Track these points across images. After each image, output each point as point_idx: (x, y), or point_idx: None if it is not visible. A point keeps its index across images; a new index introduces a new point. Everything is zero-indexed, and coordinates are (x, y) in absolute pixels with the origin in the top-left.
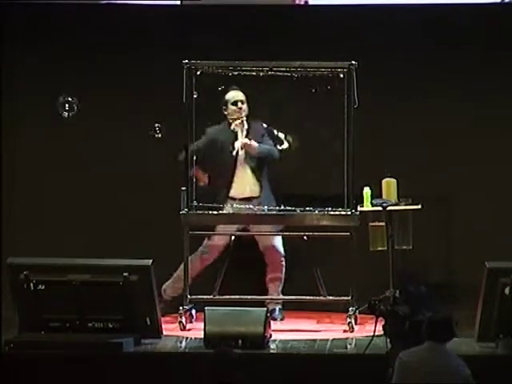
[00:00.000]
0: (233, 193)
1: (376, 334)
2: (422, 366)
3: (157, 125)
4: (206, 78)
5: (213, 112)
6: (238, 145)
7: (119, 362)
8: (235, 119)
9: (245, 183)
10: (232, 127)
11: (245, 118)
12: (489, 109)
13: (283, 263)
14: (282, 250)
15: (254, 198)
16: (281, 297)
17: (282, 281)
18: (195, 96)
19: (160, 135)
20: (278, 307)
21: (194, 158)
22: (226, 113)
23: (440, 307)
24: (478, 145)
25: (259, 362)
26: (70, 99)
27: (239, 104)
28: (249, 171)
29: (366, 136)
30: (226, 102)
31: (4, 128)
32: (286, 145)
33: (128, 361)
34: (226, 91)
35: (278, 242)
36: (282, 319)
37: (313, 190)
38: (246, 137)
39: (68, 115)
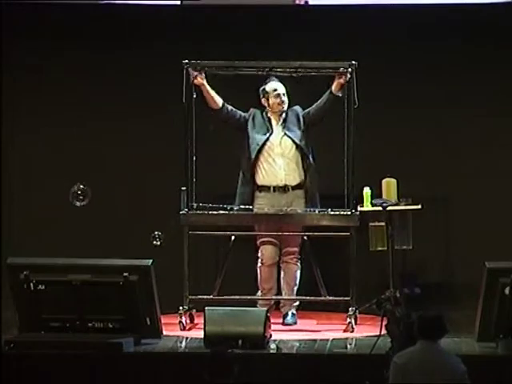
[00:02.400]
0: (261, 181)
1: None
2: (416, 367)
3: (157, 232)
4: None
5: (211, 112)
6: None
7: (119, 362)
8: (276, 111)
9: (276, 171)
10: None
11: (285, 109)
12: (489, 109)
13: (297, 270)
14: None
15: (288, 186)
16: (281, 297)
17: (297, 283)
18: (195, 96)
19: (159, 243)
20: (291, 311)
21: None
22: (265, 104)
23: (435, 308)
24: (478, 145)
25: (259, 362)
26: (82, 188)
27: (282, 97)
28: (281, 159)
29: (366, 136)
30: (265, 93)
31: (4, 128)
32: None
33: (128, 361)
34: (265, 82)
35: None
36: (294, 323)
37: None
38: (283, 129)
39: (81, 204)
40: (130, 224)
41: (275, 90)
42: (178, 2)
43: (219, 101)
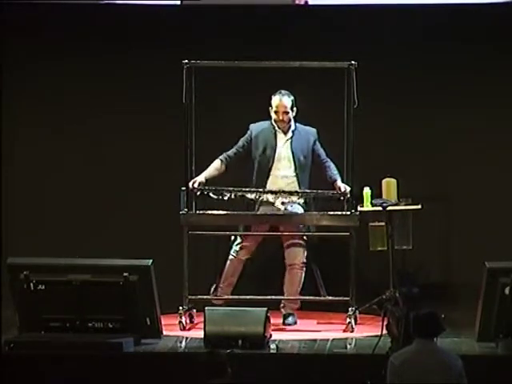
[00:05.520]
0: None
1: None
2: (413, 367)
3: None
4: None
5: (211, 112)
6: None
7: (119, 362)
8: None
9: (279, 178)
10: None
11: (292, 123)
12: (489, 109)
13: (302, 269)
14: (301, 255)
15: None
16: (281, 297)
17: (300, 285)
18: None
19: None
20: (291, 312)
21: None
22: (271, 113)
23: (433, 308)
24: (478, 145)
25: (259, 362)
26: None
27: (280, 115)
28: (286, 167)
29: (366, 136)
30: (270, 106)
31: (4, 128)
32: None
33: (128, 361)
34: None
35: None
36: (294, 323)
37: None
38: (289, 146)
39: None
40: (130, 224)
41: (276, 106)
42: (178, 2)
43: (221, 168)
